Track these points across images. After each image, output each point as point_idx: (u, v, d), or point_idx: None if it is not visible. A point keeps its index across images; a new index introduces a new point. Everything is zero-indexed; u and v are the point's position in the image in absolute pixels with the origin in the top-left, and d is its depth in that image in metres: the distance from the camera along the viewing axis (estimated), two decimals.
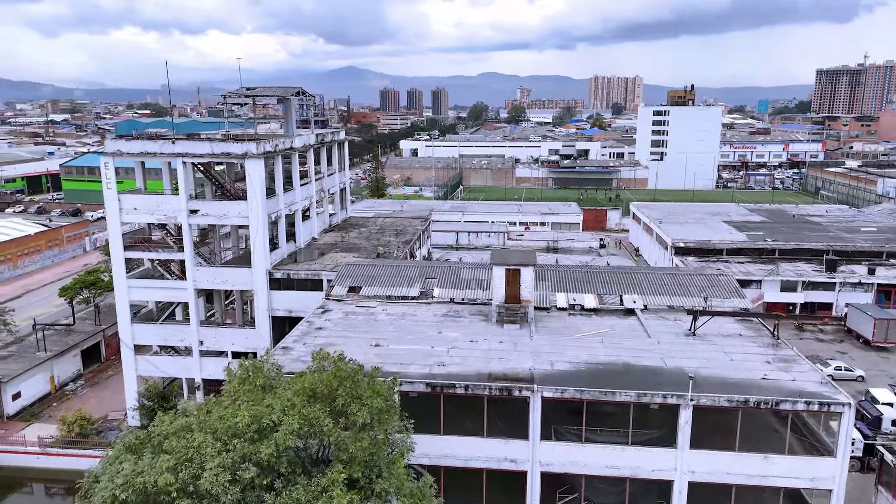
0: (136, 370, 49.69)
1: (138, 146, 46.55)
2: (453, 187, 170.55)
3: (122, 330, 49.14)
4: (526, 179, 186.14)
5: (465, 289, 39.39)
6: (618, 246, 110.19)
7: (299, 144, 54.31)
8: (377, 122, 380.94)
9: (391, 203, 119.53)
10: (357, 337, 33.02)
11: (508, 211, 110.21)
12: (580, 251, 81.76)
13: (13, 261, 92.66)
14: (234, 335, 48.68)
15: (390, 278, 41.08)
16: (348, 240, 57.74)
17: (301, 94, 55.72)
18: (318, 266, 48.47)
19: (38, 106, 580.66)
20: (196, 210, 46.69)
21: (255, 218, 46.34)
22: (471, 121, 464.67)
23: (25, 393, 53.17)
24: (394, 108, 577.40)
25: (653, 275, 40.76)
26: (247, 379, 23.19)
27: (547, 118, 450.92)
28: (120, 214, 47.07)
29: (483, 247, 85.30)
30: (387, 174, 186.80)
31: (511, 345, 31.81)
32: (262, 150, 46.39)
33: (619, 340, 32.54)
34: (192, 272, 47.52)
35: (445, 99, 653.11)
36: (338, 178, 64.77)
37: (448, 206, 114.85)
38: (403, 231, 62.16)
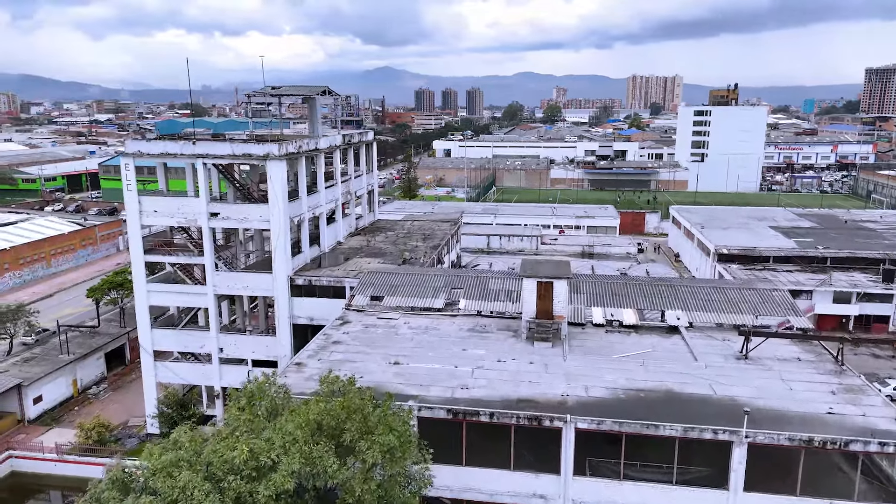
0: (156, 377, 48.43)
1: (159, 147, 45.18)
2: (486, 188, 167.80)
3: (142, 335, 47.94)
4: (561, 181, 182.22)
5: (493, 301, 36.82)
6: (656, 251, 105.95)
7: (325, 145, 52.42)
8: (411, 122, 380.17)
9: (422, 204, 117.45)
10: (376, 353, 30.76)
11: (542, 214, 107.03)
12: (617, 257, 78.29)
13: (47, 259, 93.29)
14: (255, 343, 47.01)
15: (414, 288, 38.75)
16: (374, 244, 55.66)
17: (327, 93, 53.84)
18: (341, 272, 46.46)
19: (84, 106, 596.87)
20: (216, 213, 45.13)
21: (277, 222, 44.55)
22: (505, 121, 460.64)
23: (47, 397, 52.44)
24: (429, 108, 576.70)
25: (698, 288, 37.54)
26: (249, 405, 21.04)
27: (583, 118, 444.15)
28: (140, 217, 45.82)
29: (515, 251, 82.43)
30: (419, 175, 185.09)
31: (542, 366, 29.14)
32: (284, 152, 44.57)
33: (662, 363, 29.57)
34: (212, 277, 46.00)
35: (480, 99, 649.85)
36: (365, 179, 62.79)
37: (480, 207, 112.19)
38: (431, 235, 59.83)
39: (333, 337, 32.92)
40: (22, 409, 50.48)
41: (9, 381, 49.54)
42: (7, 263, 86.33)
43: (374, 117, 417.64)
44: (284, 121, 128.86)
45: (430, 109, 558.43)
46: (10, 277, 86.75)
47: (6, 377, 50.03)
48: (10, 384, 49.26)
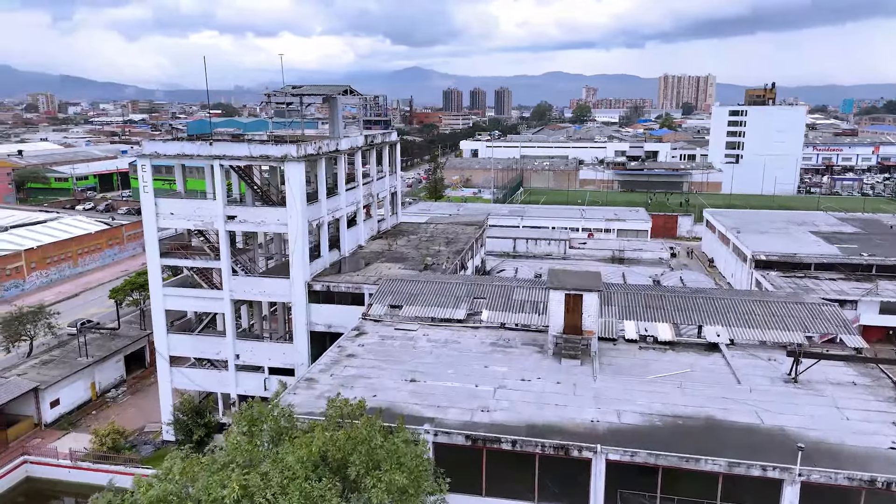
0: (172, 382, 47.36)
1: (175, 148, 44.04)
2: (513, 189, 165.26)
3: (158, 340, 46.90)
4: (590, 182, 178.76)
5: (518, 312, 34.71)
6: (689, 256, 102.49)
7: (346, 146, 50.83)
8: (439, 122, 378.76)
9: (447, 206, 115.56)
10: (392, 368, 28.90)
11: (570, 216, 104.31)
12: (649, 262, 75.33)
13: (74, 259, 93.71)
14: (271, 350, 45.64)
15: (434, 297, 36.83)
16: (396, 248, 53.90)
17: (349, 92, 52.24)
18: (360, 278, 44.77)
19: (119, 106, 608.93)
20: (233, 216, 43.84)
21: (294, 225, 43.06)
22: (534, 121, 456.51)
23: (65, 400, 51.82)
24: (457, 108, 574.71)
25: (740, 300, 34.90)
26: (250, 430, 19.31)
27: (613, 118, 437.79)
28: (157, 219, 44.74)
29: (542, 255, 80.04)
30: (446, 175, 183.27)
31: (570, 386, 26.97)
32: (302, 153, 43.04)
33: (702, 385, 27.15)
34: (228, 282, 44.72)
35: (508, 99, 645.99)
36: (388, 181, 61.10)
37: (506, 209, 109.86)
38: (455, 239, 57.87)
39: (348, 349, 31.16)
40: (39, 413, 49.88)
41: (26, 384, 48.96)
42: (34, 263, 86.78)
43: (401, 117, 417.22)
44: (312, 121, 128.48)
45: (458, 109, 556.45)
46: (37, 277, 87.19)
47: (23, 380, 49.47)
48: (27, 387, 48.65)
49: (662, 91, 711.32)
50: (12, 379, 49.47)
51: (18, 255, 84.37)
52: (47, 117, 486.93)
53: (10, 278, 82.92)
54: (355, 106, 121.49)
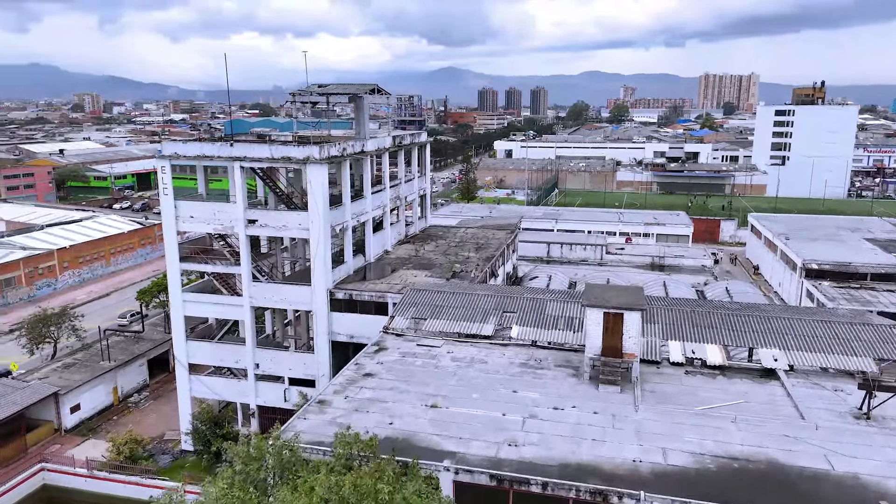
0: (190, 391, 45.89)
1: (195, 149, 42.48)
2: (548, 191, 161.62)
3: (177, 347, 45.46)
4: (628, 183, 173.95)
5: (551, 329, 31.97)
6: (732, 262, 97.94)
7: (372, 148, 48.70)
8: (473, 122, 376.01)
9: (479, 208, 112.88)
10: (411, 391, 26.51)
11: (607, 219, 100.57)
12: (691, 270, 71.50)
13: (106, 258, 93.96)
14: (292, 360, 43.74)
15: (460, 310, 34.33)
16: (423, 254, 51.57)
17: (376, 91, 50.10)
18: (385, 286, 42.55)
19: (162, 106, 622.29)
20: (254, 220, 42.09)
21: (316, 230, 41.07)
22: (570, 120, 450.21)
23: (86, 405, 50.85)
24: (492, 107, 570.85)
25: (799, 320, 31.53)
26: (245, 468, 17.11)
27: (652, 118, 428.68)
28: (176, 222, 43.26)
29: (578, 260, 76.85)
30: (479, 176, 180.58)
31: (608, 417, 24.20)
32: (325, 155, 41.01)
33: (760, 420, 24.06)
34: (248, 288, 42.99)
35: (544, 98, 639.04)
36: (417, 183, 58.82)
37: (540, 212, 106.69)
38: (486, 245, 55.26)
39: (366, 367, 28.88)
40: (59, 418, 48.97)
41: (46, 388, 48.07)
42: (66, 262, 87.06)
43: (436, 117, 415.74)
44: (347, 121, 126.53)
45: (493, 109, 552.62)
46: (70, 276, 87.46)
47: (44, 384, 48.61)
48: (47, 392, 47.76)
49: (703, 90, 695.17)
50: (33, 383, 48.68)
51: (51, 254, 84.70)
52: (92, 117, 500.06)
53: (42, 277, 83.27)
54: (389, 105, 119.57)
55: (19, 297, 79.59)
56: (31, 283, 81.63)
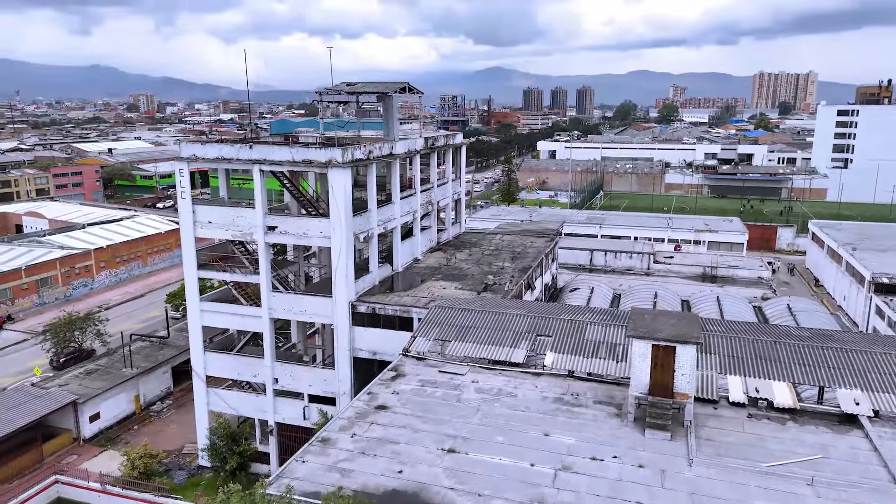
0: (208, 405, 43.78)
1: (214, 150, 40.26)
2: (592, 193, 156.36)
3: (194, 358, 43.41)
4: (677, 186, 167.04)
5: (591, 357, 28.32)
6: (790, 273, 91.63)
7: (401, 150, 45.73)
8: (517, 123, 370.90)
9: (519, 211, 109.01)
10: (428, 430, 23.32)
11: (655, 225, 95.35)
12: (746, 282, 66.25)
13: (143, 258, 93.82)
14: (312, 376, 41.12)
15: (489, 331, 30.96)
16: (455, 263, 48.34)
17: (407, 90, 47.11)
18: (410, 300, 39.51)
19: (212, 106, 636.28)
20: (274, 227, 39.62)
21: (338, 238, 38.31)
22: (617, 120, 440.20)
23: (106, 414, 49.44)
24: (536, 107, 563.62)
25: (884, 354, 27.04)
26: None
27: (702, 118, 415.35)
28: (194, 228, 41.15)
29: (623, 269, 72.38)
30: (521, 177, 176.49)
31: (656, 473, 20.53)
32: (349, 159, 38.21)
33: (844, 484, 19.95)
34: (268, 299, 40.56)
35: (591, 98, 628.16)
36: (451, 188, 55.65)
37: (584, 216, 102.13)
38: (522, 254, 51.66)
39: (380, 398, 25.82)
40: (77, 427, 47.60)
41: (64, 397, 46.74)
42: (104, 262, 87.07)
43: (479, 117, 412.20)
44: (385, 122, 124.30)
45: (537, 109, 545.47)
46: (106, 276, 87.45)
47: (63, 392, 47.30)
48: (65, 401, 46.40)
49: (757, 90, 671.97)
50: (52, 390, 47.45)
51: (88, 254, 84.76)
52: (146, 117, 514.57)
53: (79, 277, 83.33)
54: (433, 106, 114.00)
55: (55, 296, 79.71)
56: (68, 283, 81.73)
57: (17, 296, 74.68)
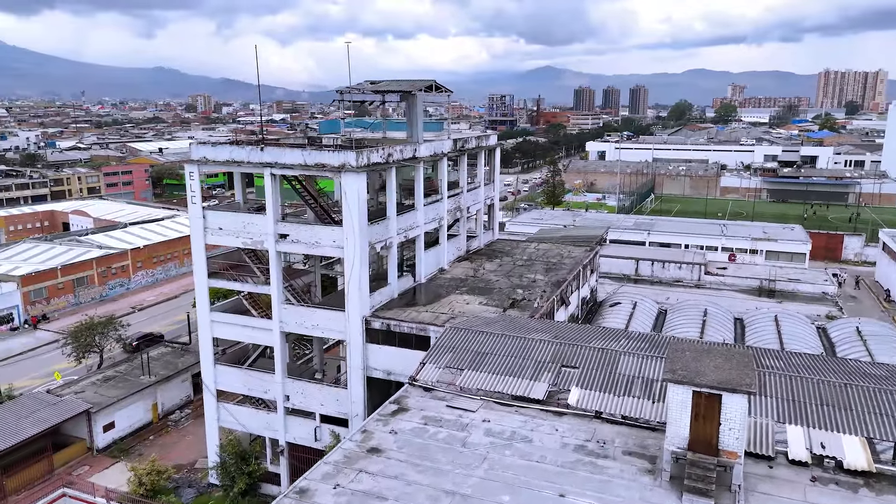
0: (218, 420, 41.60)
1: (225, 153, 37.95)
2: (642, 196, 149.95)
3: (205, 371, 41.32)
4: (733, 190, 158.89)
5: (623, 394, 24.46)
6: (857, 285, 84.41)
7: (426, 153, 42.57)
8: (566, 122, 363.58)
9: (563, 214, 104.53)
10: (423, 483, 19.99)
11: (708, 232, 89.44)
12: (808, 298, 60.41)
13: (180, 258, 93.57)
14: (324, 395, 38.38)
15: (508, 359, 27.40)
16: (483, 274, 44.87)
17: (434, 88, 43.88)
18: (429, 315, 36.30)
19: (266, 107, 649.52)
20: (285, 235, 37.01)
21: (351, 248, 35.42)
22: (671, 120, 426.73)
23: (121, 423, 47.98)
24: (588, 107, 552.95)
25: None
26: None
27: (762, 118, 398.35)
28: (205, 234, 38.98)
29: (671, 281, 67.36)
30: (568, 179, 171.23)
31: None
32: (364, 163, 35.25)
33: None
34: (279, 311, 38.03)
35: (644, 97, 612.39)
36: (483, 192, 52.18)
37: (631, 221, 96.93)
38: (558, 265, 47.75)
39: (374, 439, 22.63)
40: (91, 437, 46.23)
41: (77, 405, 45.39)
42: (140, 262, 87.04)
43: (527, 117, 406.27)
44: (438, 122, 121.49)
45: (589, 109, 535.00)
46: (143, 276, 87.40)
47: (76, 400, 45.98)
48: (78, 410, 45.03)
49: (822, 88, 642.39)
50: (66, 398, 46.20)
51: (125, 254, 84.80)
52: (202, 117, 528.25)
53: (115, 277, 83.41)
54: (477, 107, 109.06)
55: (91, 296, 79.86)
56: (104, 283, 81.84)
57: (52, 295, 74.95)
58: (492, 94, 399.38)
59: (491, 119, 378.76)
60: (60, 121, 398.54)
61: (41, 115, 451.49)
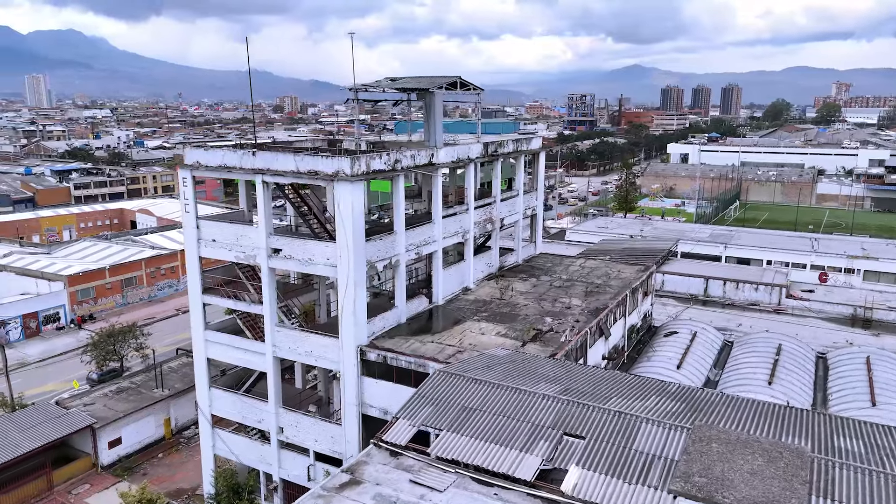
0: (213, 447, 38.27)
1: (217, 157, 34.41)
2: (726, 203, 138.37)
3: (199, 394, 38.11)
4: (831, 198, 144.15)
5: (635, 480, 18.59)
6: None
7: (446, 159, 37.58)
8: (650, 123, 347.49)
9: (630, 223, 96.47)
10: None
11: (796, 247, 79.33)
12: None
13: None
14: (318, 430, 34.14)
15: (499, 419, 21.99)
16: (510, 297, 39.36)
17: (456, 85, 38.74)
18: (433, 348, 31.36)
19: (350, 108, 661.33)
20: (278, 250, 33.05)
21: (345, 268, 30.96)
22: (767, 121, 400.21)
23: (129, 439, 45.81)
24: (675, 107, 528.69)
25: None
26: None
27: (870, 118, 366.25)
28: (198, 246, 35.66)
29: (745, 304, 59.15)
30: (645, 183, 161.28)
31: None
32: (360, 170, 30.71)
33: None
34: (272, 334, 34.15)
35: (738, 96, 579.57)
36: (522, 201, 46.56)
37: (707, 231, 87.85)
38: (602, 287, 41.49)
39: None
40: (95, 453, 44.19)
41: (81, 420, 43.40)
42: (172, 268, 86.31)
43: (608, 117, 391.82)
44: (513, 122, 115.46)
45: (676, 109, 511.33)
46: (173, 284, 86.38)
47: (82, 414, 44.04)
48: (81, 425, 43.03)
49: None
50: (73, 411, 44.36)
51: (174, 255, 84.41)
52: (288, 118, 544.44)
53: (164, 278, 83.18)
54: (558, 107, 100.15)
55: (139, 296, 79.83)
56: (153, 284, 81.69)
57: (100, 295, 75.19)
58: (576, 94, 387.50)
59: (570, 119, 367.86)
60: (157, 121, 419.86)
61: (141, 115, 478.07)
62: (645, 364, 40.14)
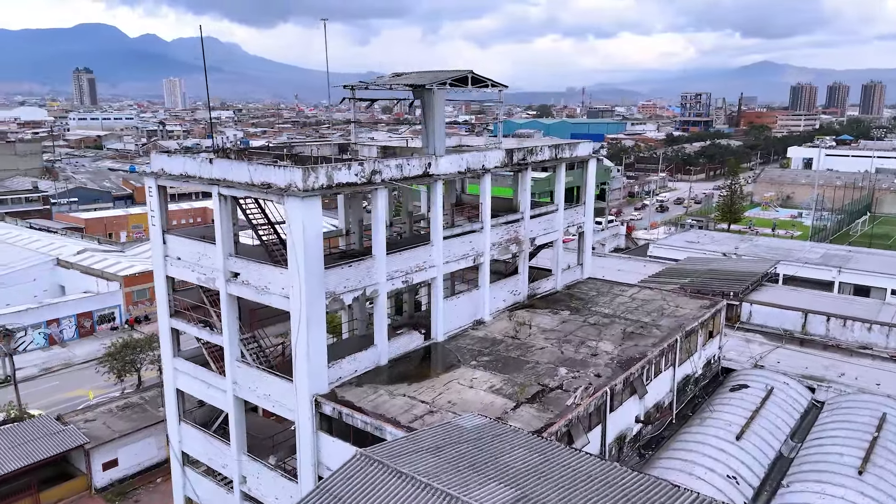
0: (184, 488, 34.28)
1: (179, 165, 30.10)
2: (853, 216, 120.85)
3: (170, 427, 34.27)
4: None
5: None
6: None
7: (449, 169, 31.30)
8: (773, 124, 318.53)
9: (728, 238, 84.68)
10: None
11: None
12: None
13: None
14: (277, 485, 29.08)
15: None
16: (526, 336, 32.34)
17: (467, 81, 32.23)
18: (400, 403, 25.38)
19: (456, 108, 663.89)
20: (237, 273, 28.28)
21: (297, 301, 25.60)
22: None
23: (127, 461, 43.14)
24: (807, 106, 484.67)
25: None
26: None
27: None
28: (164, 264, 31.72)
29: (854, 346, 47.87)
30: (758, 190, 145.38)
31: None
32: (315, 184, 25.19)
33: None
34: (232, 370, 29.50)
35: (881, 95, 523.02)
36: (561, 217, 39.17)
37: (819, 252, 74.82)
38: (648, 328, 33.43)
39: None
40: (89, 475, 41.77)
41: (73, 439, 41.03)
42: None
43: (726, 118, 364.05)
44: (620, 122, 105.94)
45: (808, 108, 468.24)
46: None
47: (76, 432, 41.67)
48: (71, 445, 40.66)
49: None
50: (70, 427, 42.18)
51: None
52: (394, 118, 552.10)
53: None
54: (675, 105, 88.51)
55: None
56: None
57: (154, 297, 74.90)
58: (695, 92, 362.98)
59: (683, 119, 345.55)
60: (273, 122, 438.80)
61: (259, 116, 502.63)
62: (695, 429, 31.73)
